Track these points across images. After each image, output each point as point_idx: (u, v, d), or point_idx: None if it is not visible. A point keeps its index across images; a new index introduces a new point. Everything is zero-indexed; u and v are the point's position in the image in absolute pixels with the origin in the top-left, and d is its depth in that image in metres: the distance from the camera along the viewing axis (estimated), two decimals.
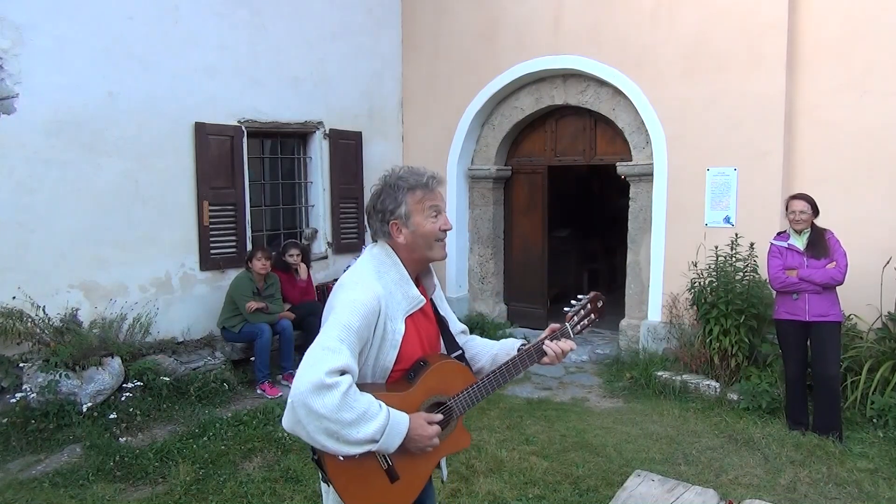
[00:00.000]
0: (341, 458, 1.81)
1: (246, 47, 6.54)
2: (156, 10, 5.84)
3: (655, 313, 6.61)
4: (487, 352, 2.24)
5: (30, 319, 5.05)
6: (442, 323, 2.15)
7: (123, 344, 5.52)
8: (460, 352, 2.14)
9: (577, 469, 4.30)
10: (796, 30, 5.85)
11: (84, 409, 4.83)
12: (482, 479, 4.14)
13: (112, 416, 4.88)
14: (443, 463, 2.24)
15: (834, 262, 4.65)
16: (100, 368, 5.07)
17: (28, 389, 4.76)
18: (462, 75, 7.77)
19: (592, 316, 2.21)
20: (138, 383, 5.23)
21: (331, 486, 1.91)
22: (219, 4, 6.30)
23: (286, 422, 1.74)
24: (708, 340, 5.70)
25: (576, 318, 2.20)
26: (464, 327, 2.32)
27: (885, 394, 4.95)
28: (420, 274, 2.08)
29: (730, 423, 5.09)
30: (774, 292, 5.01)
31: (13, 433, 4.59)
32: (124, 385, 5.20)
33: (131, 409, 5.01)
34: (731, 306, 5.52)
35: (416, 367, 1.96)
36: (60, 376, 4.83)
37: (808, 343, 4.80)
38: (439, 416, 1.92)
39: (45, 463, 4.36)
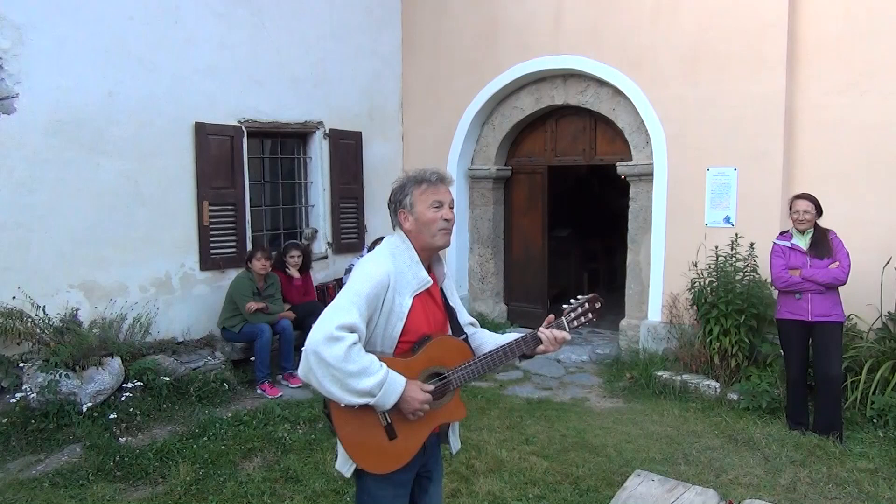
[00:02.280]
0: (343, 406, 2.03)
1: (246, 47, 6.54)
2: (156, 10, 5.84)
3: (655, 313, 6.61)
4: (493, 343, 2.38)
5: (30, 319, 5.05)
6: (450, 312, 2.35)
7: (123, 344, 5.52)
8: (465, 336, 2.35)
9: (577, 469, 4.30)
10: (796, 30, 5.85)
11: (84, 409, 4.83)
12: (482, 479, 4.14)
13: (112, 416, 4.87)
14: (453, 437, 2.42)
15: (837, 262, 4.66)
16: (100, 368, 5.07)
17: (28, 389, 4.76)
18: (462, 75, 7.77)
19: (590, 315, 2.40)
20: (138, 383, 5.23)
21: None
22: (219, 4, 6.30)
23: (301, 369, 2.02)
24: (708, 340, 5.70)
25: (573, 314, 2.38)
26: (472, 320, 2.51)
27: (885, 394, 4.95)
28: (432, 262, 2.32)
29: (730, 423, 5.09)
30: (776, 292, 5.02)
31: (13, 433, 4.59)
32: (124, 385, 5.20)
33: (131, 409, 5.01)
34: (731, 306, 5.52)
35: (421, 340, 2.19)
36: (60, 376, 4.82)
37: (810, 343, 4.80)
38: (431, 387, 2.15)
39: (45, 463, 4.35)
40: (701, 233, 6.22)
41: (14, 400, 4.69)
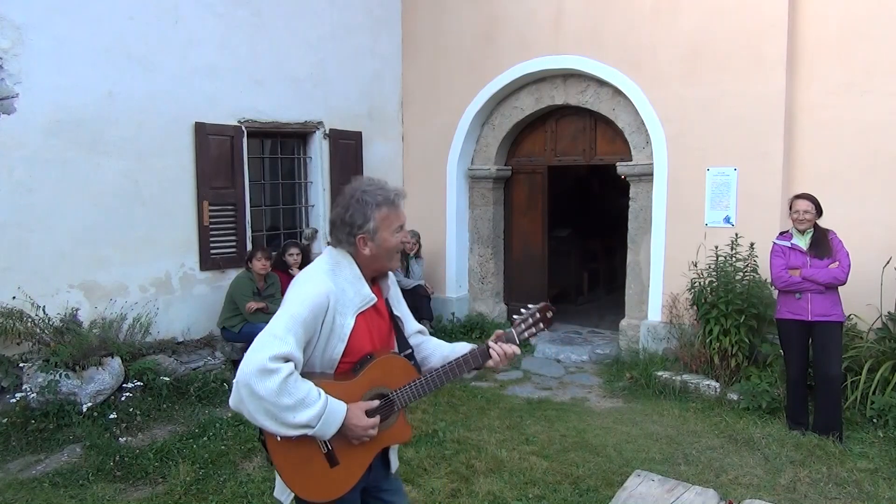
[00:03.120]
0: (279, 438, 1.94)
1: (246, 47, 6.54)
2: (156, 10, 5.84)
3: (655, 313, 6.61)
4: (440, 352, 2.33)
5: (30, 319, 5.05)
6: (395, 323, 2.25)
7: (123, 344, 5.52)
8: (410, 351, 2.24)
9: (577, 469, 4.30)
10: (796, 30, 5.85)
11: (84, 409, 4.83)
12: (482, 479, 4.14)
13: (112, 416, 4.87)
14: (393, 455, 2.33)
15: (837, 262, 4.66)
16: (100, 368, 5.07)
17: (28, 389, 4.76)
18: (462, 75, 7.77)
19: (540, 325, 2.27)
20: (138, 383, 5.23)
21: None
22: (219, 4, 6.30)
23: (232, 400, 1.89)
24: (708, 340, 5.70)
25: (523, 326, 2.26)
26: (421, 327, 2.41)
27: (885, 394, 4.95)
28: (377, 278, 2.20)
29: (730, 423, 5.09)
30: (776, 292, 5.02)
31: (13, 433, 4.59)
32: (124, 385, 5.20)
33: (131, 409, 5.01)
34: (731, 306, 5.52)
35: (363, 360, 2.08)
36: (60, 376, 4.82)
37: (810, 343, 4.80)
38: (375, 403, 2.04)
39: (45, 463, 4.35)
40: (701, 233, 6.22)
41: (14, 400, 4.69)
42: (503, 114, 7.81)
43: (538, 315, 2.26)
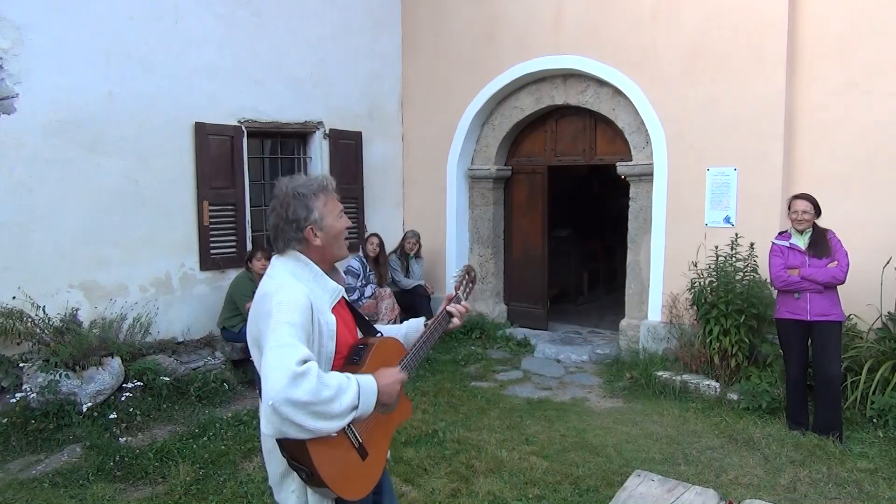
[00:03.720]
0: (319, 441, 1.88)
1: (246, 47, 6.54)
2: (156, 10, 5.84)
3: (655, 313, 6.61)
4: (401, 332, 2.44)
5: (30, 319, 5.05)
6: (356, 314, 2.28)
7: (123, 344, 5.52)
8: (380, 334, 2.29)
9: (577, 469, 4.30)
10: (796, 30, 5.85)
11: (84, 409, 4.83)
12: (482, 479, 4.14)
13: (112, 416, 4.87)
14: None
15: (835, 262, 4.66)
16: (100, 368, 5.07)
17: (28, 389, 4.76)
18: (462, 75, 7.77)
19: (472, 284, 2.65)
20: (138, 383, 5.23)
21: (291, 482, 2.03)
22: (219, 4, 6.30)
23: (269, 430, 1.77)
24: (708, 340, 5.70)
25: (462, 288, 2.59)
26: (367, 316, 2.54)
27: (885, 394, 4.95)
28: (329, 273, 2.18)
29: (730, 423, 5.09)
30: (775, 292, 5.02)
31: (13, 433, 4.59)
32: (124, 385, 5.20)
33: (131, 409, 5.01)
34: (731, 306, 5.51)
35: (357, 350, 2.10)
36: (60, 376, 4.82)
37: (809, 343, 4.80)
38: (397, 367, 2.12)
39: (45, 463, 4.36)
40: (701, 233, 6.21)
41: (14, 400, 4.69)
42: (503, 114, 7.81)
43: (468, 276, 2.63)
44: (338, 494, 1.99)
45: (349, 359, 2.07)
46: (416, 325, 2.45)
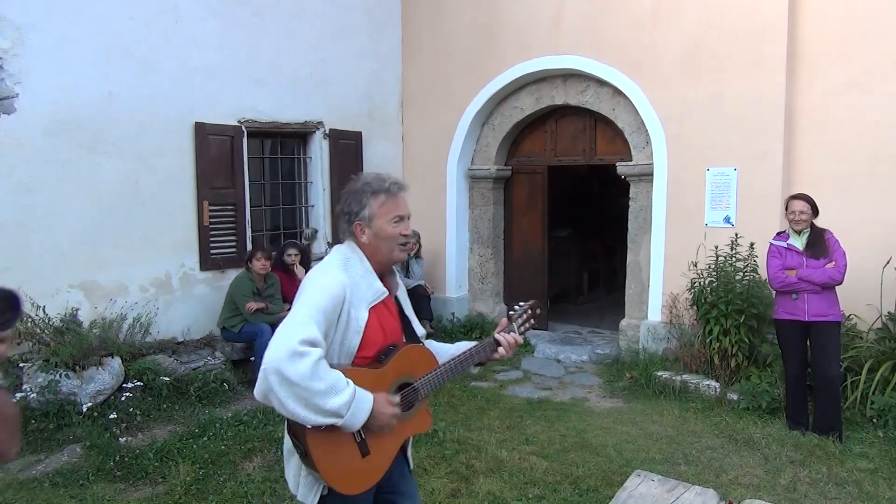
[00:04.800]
0: (309, 427, 1.90)
1: (246, 47, 6.54)
2: (156, 10, 5.84)
3: (655, 313, 6.61)
4: (448, 352, 2.37)
5: (30, 319, 5.05)
6: (406, 321, 2.29)
7: (123, 344, 5.51)
8: (422, 344, 2.30)
9: (577, 469, 4.30)
10: (796, 30, 5.85)
11: (84, 409, 4.83)
12: (482, 479, 4.14)
13: (112, 416, 4.88)
14: (409, 453, 2.37)
15: (833, 262, 4.66)
16: (100, 368, 5.07)
17: (28, 389, 4.76)
18: (462, 75, 7.77)
19: (532, 321, 2.46)
20: (138, 383, 5.23)
21: (294, 456, 2.08)
22: (219, 4, 6.30)
23: (257, 391, 1.85)
24: (708, 340, 5.70)
25: (520, 321, 2.42)
26: (424, 332, 2.42)
27: (885, 394, 4.95)
28: (384, 273, 2.20)
29: (730, 423, 5.09)
30: (774, 292, 5.02)
31: None
32: (124, 385, 5.20)
33: (131, 409, 5.01)
34: (731, 306, 5.51)
35: (387, 350, 2.11)
36: (60, 376, 4.82)
37: (808, 343, 4.80)
38: (397, 399, 2.06)
39: (45, 463, 4.36)
40: (701, 233, 6.21)
41: (14, 400, 4.68)
42: (503, 114, 7.81)
43: (531, 311, 2.44)
44: (327, 482, 2.00)
45: (376, 358, 2.09)
46: (464, 348, 2.35)
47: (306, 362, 1.80)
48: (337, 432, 1.95)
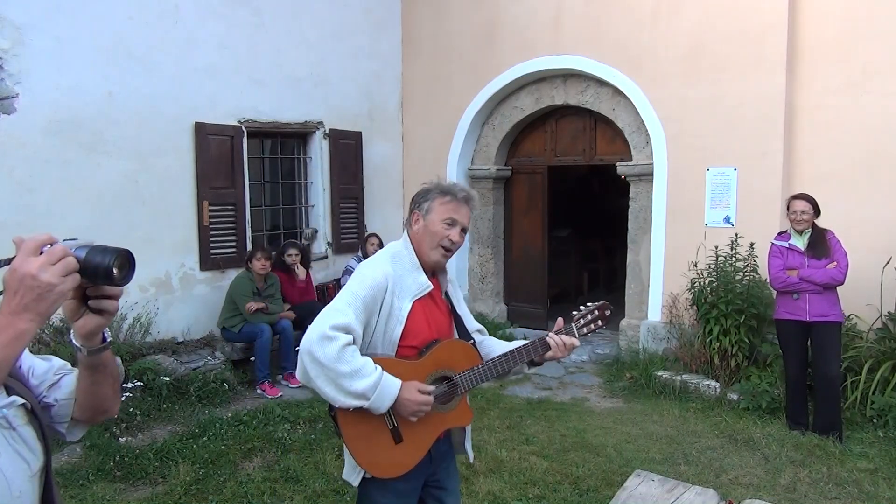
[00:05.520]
0: (337, 407, 2.03)
1: (246, 47, 6.54)
2: (156, 10, 5.84)
3: (655, 313, 6.61)
4: (501, 348, 2.37)
5: None
6: (457, 318, 2.35)
7: (123, 344, 5.51)
8: (472, 341, 2.32)
9: (577, 469, 4.30)
10: (796, 30, 5.85)
11: None
12: (482, 479, 4.14)
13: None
14: (468, 445, 2.41)
15: (835, 262, 4.65)
16: None
17: None
18: (462, 75, 7.77)
19: (599, 322, 2.32)
20: (138, 383, 5.22)
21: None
22: (219, 4, 6.30)
23: (298, 371, 2.03)
24: (708, 340, 5.70)
25: (582, 321, 2.30)
26: (480, 327, 2.48)
27: (885, 394, 4.95)
28: (436, 272, 2.30)
29: (730, 423, 5.09)
30: (775, 292, 5.02)
31: None
32: (124, 385, 5.19)
33: (131, 409, 5.01)
34: (731, 306, 5.51)
35: (429, 344, 2.18)
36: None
37: (809, 343, 4.80)
38: (431, 388, 2.10)
39: None
40: (701, 233, 6.21)
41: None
42: (503, 114, 7.81)
43: (597, 312, 2.31)
44: (358, 463, 2.11)
45: (419, 351, 2.17)
46: (520, 343, 2.33)
47: (334, 346, 1.94)
48: (369, 417, 2.04)
